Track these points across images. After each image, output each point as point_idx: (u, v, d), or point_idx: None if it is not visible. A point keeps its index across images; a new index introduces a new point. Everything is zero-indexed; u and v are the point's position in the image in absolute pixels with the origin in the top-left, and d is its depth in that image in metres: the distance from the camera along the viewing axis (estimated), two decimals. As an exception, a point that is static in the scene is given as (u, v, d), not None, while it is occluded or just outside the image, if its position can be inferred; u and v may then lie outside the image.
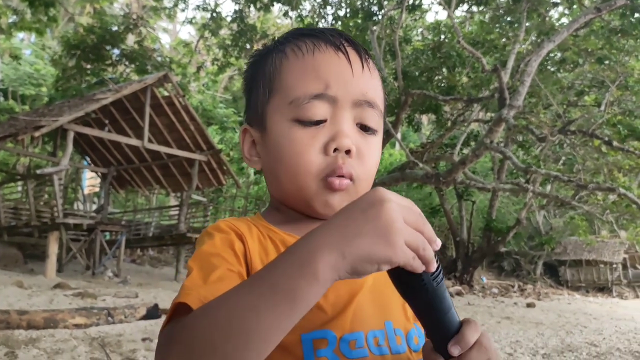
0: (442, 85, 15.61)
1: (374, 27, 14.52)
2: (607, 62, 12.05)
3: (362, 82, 0.80)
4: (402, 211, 0.57)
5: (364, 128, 0.81)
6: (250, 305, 0.57)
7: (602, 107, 11.13)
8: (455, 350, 0.64)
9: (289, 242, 0.78)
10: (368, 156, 0.81)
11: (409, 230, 0.57)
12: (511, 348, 6.76)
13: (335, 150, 0.77)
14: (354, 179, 0.79)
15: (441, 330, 0.64)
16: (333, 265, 0.56)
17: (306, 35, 0.82)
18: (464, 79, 15.53)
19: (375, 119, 0.81)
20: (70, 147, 12.92)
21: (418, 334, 0.83)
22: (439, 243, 0.60)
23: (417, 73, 15.10)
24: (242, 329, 0.56)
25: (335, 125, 0.78)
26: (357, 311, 0.76)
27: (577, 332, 9.06)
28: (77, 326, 5.89)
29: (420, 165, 12.45)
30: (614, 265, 24.93)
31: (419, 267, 0.58)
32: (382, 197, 0.58)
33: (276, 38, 0.89)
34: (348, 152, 0.78)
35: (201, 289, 0.67)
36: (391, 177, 14.04)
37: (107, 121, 15.28)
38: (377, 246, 0.56)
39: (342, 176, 0.78)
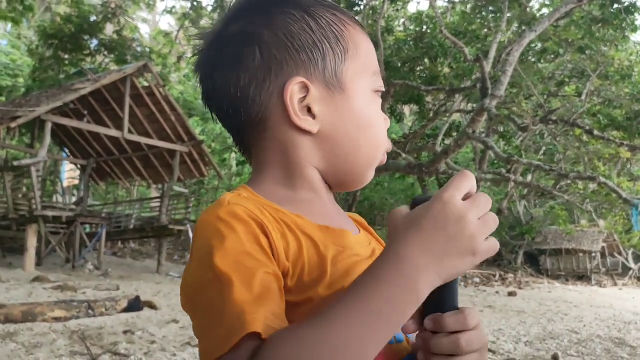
0: (425, 75, 15.65)
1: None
2: (587, 51, 12.15)
3: None
4: (478, 214, 0.61)
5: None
6: (356, 338, 0.57)
7: (583, 97, 11.24)
8: (453, 322, 0.64)
9: (301, 225, 0.71)
10: None
11: (485, 229, 0.61)
12: (494, 336, 6.82)
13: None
14: None
15: (445, 304, 0.65)
16: (430, 286, 0.60)
17: (336, 9, 0.81)
18: (446, 69, 15.57)
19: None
20: (47, 138, 12.68)
21: None
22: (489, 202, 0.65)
23: (399, 63, 15.11)
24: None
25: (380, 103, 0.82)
26: None
27: (558, 319, 9.18)
28: (57, 319, 5.79)
29: (403, 155, 12.48)
30: (593, 254, 25.34)
31: (497, 245, 0.62)
32: (460, 212, 0.60)
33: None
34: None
35: (257, 307, 0.59)
36: (374, 168, 14.04)
37: (85, 112, 15.02)
38: (466, 260, 0.60)
39: None
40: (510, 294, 13.79)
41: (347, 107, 0.76)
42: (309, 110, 0.75)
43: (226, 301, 0.60)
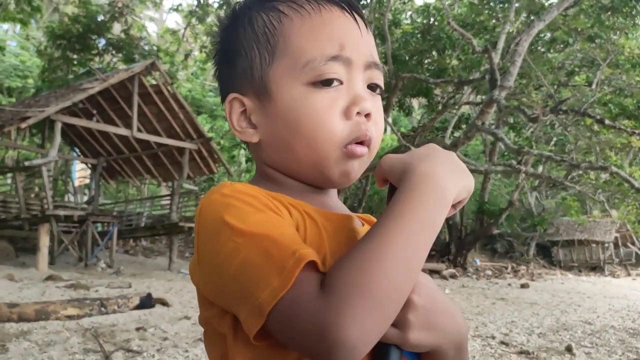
0: (433, 68, 15.55)
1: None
2: (597, 40, 12.00)
3: (369, 42, 0.78)
4: None
5: (373, 88, 0.78)
6: (417, 245, 0.63)
7: (594, 86, 11.10)
8: None
9: (302, 205, 0.73)
10: (380, 119, 0.78)
11: None
12: (507, 328, 6.78)
13: (357, 114, 0.74)
14: (371, 146, 0.76)
15: None
16: (454, 196, 0.69)
17: None
18: (454, 62, 15.47)
19: (382, 80, 0.79)
20: (58, 138, 12.75)
21: None
22: None
23: (407, 57, 15.03)
24: (417, 265, 0.63)
25: (352, 89, 0.74)
26: None
27: (571, 311, 9.12)
28: (70, 317, 5.82)
29: (412, 149, 12.41)
30: (606, 245, 25.16)
31: None
32: (447, 150, 0.73)
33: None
34: (367, 116, 0.74)
35: (302, 246, 0.62)
36: (383, 162, 13.98)
37: (95, 111, 15.09)
38: (468, 179, 0.71)
39: (362, 143, 0.75)
40: (523, 286, 13.72)
41: (275, 112, 0.75)
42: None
43: (270, 249, 0.61)
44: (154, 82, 14.56)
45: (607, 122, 9.59)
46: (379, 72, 0.78)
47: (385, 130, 18.16)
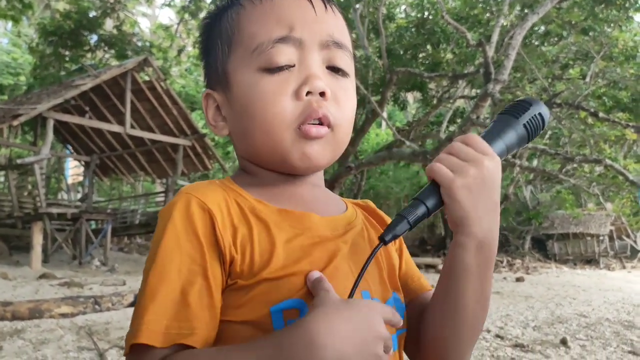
0: (427, 62, 15.52)
1: (357, 5, 14.34)
2: (591, 33, 12.01)
3: (327, 21, 0.76)
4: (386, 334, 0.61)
5: (335, 70, 0.75)
6: None
7: (588, 79, 11.11)
8: None
9: (258, 210, 0.74)
10: (344, 99, 0.75)
11: (387, 336, 0.61)
12: (502, 322, 6.80)
13: (308, 93, 0.72)
14: (332, 125, 0.74)
15: None
16: None
17: None
18: (449, 55, 15.44)
19: (346, 60, 0.77)
20: (50, 136, 12.67)
21: (396, 304, 0.80)
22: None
23: (401, 51, 14.98)
24: None
25: (304, 69, 0.73)
26: (333, 278, 0.70)
27: (566, 304, 9.17)
28: (64, 315, 5.81)
29: (407, 143, 12.40)
30: (601, 238, 25.28)
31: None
32: (379, 333, 0.60)
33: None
34: (322, 94, 0.72)
35: (158, 316, 0.64)
36: (378, 157, 13.99)
37: (87, 108, 15.02)
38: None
39: (320, 122, 0.72)
40: (518, 279, 13.77)
41: (234, 101, 0.76)
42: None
43: (140, 295, 0.67)
44: (147, 78, 14.48)
45: (601, 114, 9.60)
46: (341, 52, 0.76)
47: (380, 125, 18.11)
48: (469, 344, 0.78)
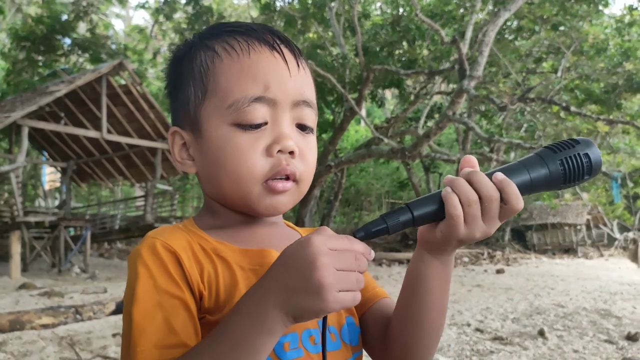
0: (404, 59, 15.62)
1: (332, 4, 14.38)
2: (562, 28, 12.20)
3: (300, 81, 0.80)
4: (334, 262, 0.61)
5: (303, 128, 0.80)
6: None
7: (559, 74, 11.30)
8: None
9: (220, 250, 0.78)
10: (309, 155, 0.81)
11: (341, 280, 0.62)
12: (482, 315, 6.90)
13: (279, 151, 0.77)
14: (298, 180, 0.79)
15: None
16: (281, 321, 0.63)
17: (237, 32, 0.80)
18: (425, 52, 15.56)
19: (312, 118, 0.81)
20: (25, 143, 12.50)
21: (351, 328, 0.85)
22: (372, 255, 0.67)
23: (377, 48, 15.05)
24: None
25: (276, 128, 0.77)
26: None
27: (544, 294, 9.32)
28: (45, 326, 5.75)
29: (386, 140, 12.49)
30: (578, 227, 25.72)
31: (356, 302, 0.64)
32: (314, 255, 0.61)
33: (198, 33, 0.85)
34: (291, 153, 0.77)
35: (150, 347, 0.69)
36: (357, 155, 14.06)
37: (62, 114, 14.82)
38: (313, 303, 0.61)
39: (287, 178, 0.77)
40: (499, 271, 13.92)
41: (205, 148, 0.79)
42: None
43: (125, 336, 0.71)
44: (122, 82, 14.34)
45: (572, 109, 9.79)
46: (309, 110, 0.80)
47: (360, 121, 18.14)
48: (433, 347, 0.83)
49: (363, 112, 20.43)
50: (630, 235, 24.93)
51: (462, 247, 0.73)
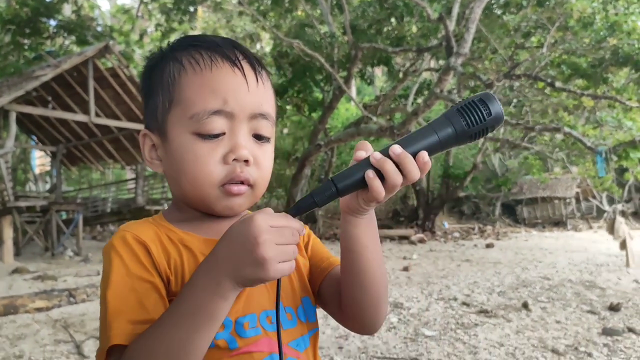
0: (392, 36, 15.56)
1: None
2: (547, 3, 12.17)
3: (257, 96, 0.87)
4: (275, 238, 0.71)
5: (259, 137, 0.88)
6: (181, 336, 0.72)
7: (544, 49, 11.31)
8: None
9: (186, 240, 0.87)
10: (264, 162, 0.89)
11: (280, 254, 0.71)
12: (469, 289, 7.04)
13: (234, 160, 0.85)
14: (252, 184, 0.87)
15: None
16: (231, 287, 0.72)
17: (202, 47, 0.87)
18: (413, 29, 15.50)
19: (269, 129, 0.89)
20: (13, 129, 12.43)
21: (307, 306, 0.95)
22: (304, 231, 0.80)
23: (365, 26, 14.98)
24: (181, 355, 0.73)
25: (233, 138, 0.85)
26: (249, 297, 0.86)
27: (532, 267, 9.46)
28: (39, 310, 5.84)
29: (374, 119, 12.52)
30: (568, 200, 25.96)
31: (292, 270, 0.74)
32: (257, 232, 0.70)
33: (170, 43, 0.93)
34: (246, 161, 0.85)
35: (121, 322, 0.77)
36: (347, 133, 14.10)
37: (50, 98, 14.71)
38: (257, 273, 0.71)
39: (242, 182, 0.86)
40: (488, 245, 14.06)
41: (169, 152, 0.87)
42: None
43: (102, 319, 0.79)
44: (110, 64, 14.23)
45: (557, 84, 9.84)
46: (266, 121, 0.88)
47: (350, 100, 18.06)
48: (380, 299, 0.92)
49: (353, 90, 20.41)
50: (619, 207, 25.19)
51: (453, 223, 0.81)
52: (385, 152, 0.78)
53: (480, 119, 0.78)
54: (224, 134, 0.84)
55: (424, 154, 0.78)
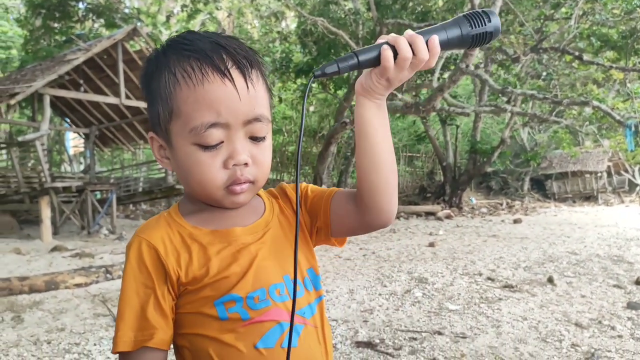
0: (417, 11, 15.35)
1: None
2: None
3: (248, 103, 0.93)
4: None
5: (255, 138, 0.96)
6: None
7: (572, 22, 11.05)
8: None
9: (195, 235, 0.99)
10: (262, 160, 0.98)
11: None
12: (494, 264, 7.06)
13: (234, 165, 0.94)
14: (253, 181, 0.98)
15: None
16: None
17: (193, 57, 0.92)
18: (439, 3, 15.26)
19: (264, 129, 0.97)
20: (48, 112, 12.80)
21: (312, 276, 1.06)
22: None
23: (390, 1, 14.81)
24: None
25: (230, 145, 0.93)
26: (257, 273, 0.97)
27: (559, 242, 9.38)
28: (78, 285, 6.07)
29: (399, 96, 12.48)
30: (599, 174, 25.50)
31: None
32: None
33: (163, 44, 0.99)
34: (245, 164, 0.95)
35: (128, 330, 0.92)
36: (373, 110, 14.02)
37: (81, 81, 15.04)
38: None
39: (243, 182, 0.96)
40: (516, 221, 13.94)
41: (176, 158, 0.98)
42: None
43: (116, 323, 0.94)
44: (137, 47, 14.45)
45: (585, 57, 9.64)
46: (260, 124, 0.95)
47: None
48: (390, 183, 1.00)
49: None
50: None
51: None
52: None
53: (482, 24, 0.93)
54: (222, 142, 0.93)
55: (435, 38, 0.90)
